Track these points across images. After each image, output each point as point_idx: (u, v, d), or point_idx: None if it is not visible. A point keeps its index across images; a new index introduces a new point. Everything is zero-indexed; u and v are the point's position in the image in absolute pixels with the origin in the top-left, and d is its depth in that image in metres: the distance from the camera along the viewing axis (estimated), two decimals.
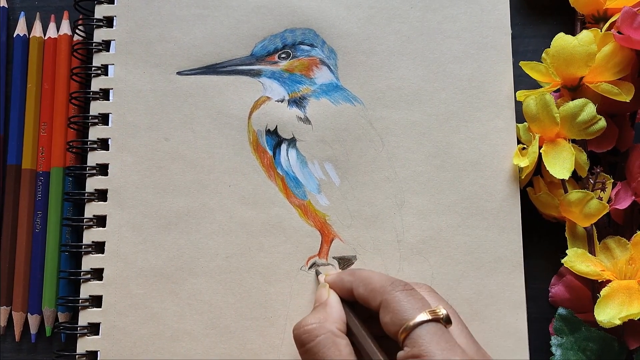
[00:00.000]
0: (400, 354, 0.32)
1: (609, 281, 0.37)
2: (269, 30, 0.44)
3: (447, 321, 0.32)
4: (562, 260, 0.39)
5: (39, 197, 0.44)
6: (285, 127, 0.42)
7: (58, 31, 0.46)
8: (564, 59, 0.39)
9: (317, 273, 0.40)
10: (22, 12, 0.47)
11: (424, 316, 0.32)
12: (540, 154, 0.39)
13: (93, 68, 0.44)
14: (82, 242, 0.42)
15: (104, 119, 0.44)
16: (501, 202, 0.41)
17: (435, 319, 0.32)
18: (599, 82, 0.39)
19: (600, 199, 0.39)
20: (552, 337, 0.39)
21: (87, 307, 0.41)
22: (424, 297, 0.34)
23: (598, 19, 0.42)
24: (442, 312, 0.32)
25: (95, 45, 0.44)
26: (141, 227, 0.42)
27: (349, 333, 0.35)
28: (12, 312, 0.43)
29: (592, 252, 0.39)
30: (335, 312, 0.35)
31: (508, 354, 0.39)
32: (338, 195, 0.42)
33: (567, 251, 0.39)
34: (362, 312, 0.36)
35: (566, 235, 0.40)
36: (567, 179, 0.38)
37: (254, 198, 0.42)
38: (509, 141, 0.42)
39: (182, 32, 0.44)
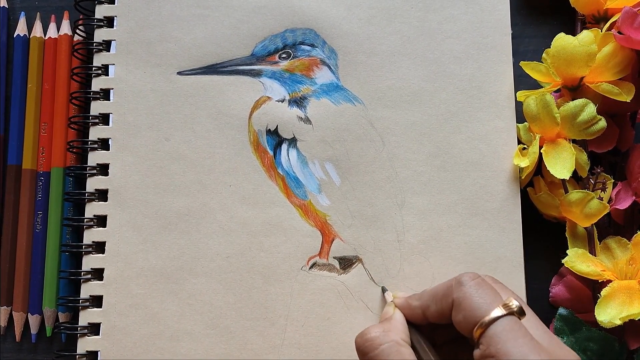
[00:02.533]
0: (476, 352, 0.31)
1: (609, 281, 0.37)
2: (269, 30, 0.44)
3: (520, 313, 0.32)
4: (563, 261, 0.39)
5: (40, 197, 0.44)
6: (285, 127, 0.42)
7: (58, 31, 0.46)
8: (564, 59, 0.39)
9: (384, 290, 0.40)
10: (22, 12, 0.47)
11: (498, 311, 0.31)
12: (540, 154, 0.39)
13: (93, 68, 0.44)
14: (82, 242, 0.42)
15: (104, 119, 0.44)
16: (502, 202, 0.41)
17: (510, 313, 0.31)
18: (599, 82, 0.39)
19: (601, 199, 0.39)
20: None
21: (87, 307, 0.41)
22: (493, 287, 0.33)
23: (598, 19, 0.42)
24: (515, 304, 0.32)
25: (95, 45, 0.44)
26: (141, 227, 0.42)
27: (413, 349, 0.34)
28: (13, 312, 0.43)
29: (592, 252, 0.39)
30: (400, 324, 0.35)
31: None
32: (339, 195, 0.42)
33: (567, 251, 0.39)
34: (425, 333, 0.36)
35: (567, 236, 0.40)
36: (568, 179, 0.38)
37: (255, 198, 0.42)
38: (509, 141, 0.42)
39: (183, 32, 0.44)
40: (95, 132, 0.43)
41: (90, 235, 0.42)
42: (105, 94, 0.44)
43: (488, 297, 0.32)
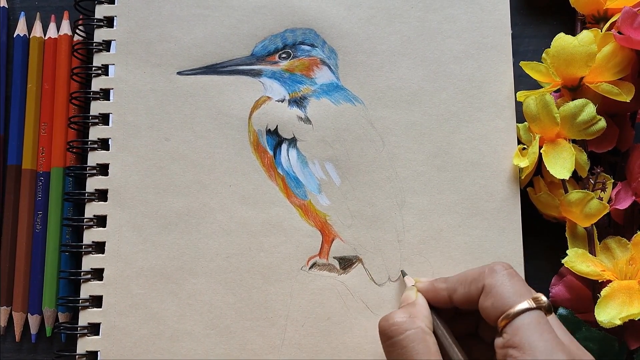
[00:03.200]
0: (499, 340, 0.31)
1: (609, 281, 0.37)
2: (269, 30, 0.44)
3: (548, 310, 0.32)
4: (563, 261, 0.39)
5: (39, 197, 0.44)
6: (285, 127, 0.42)
7: (58, 31, 0.46)
8: (564, 59, 0.39)
9: (404, 274, 0.40)
10: (22, 12, 0.47)
11: (527, 304, 0.31)
12: (540, 154, 0.39)
13: (93, 68, 0.44)
14: (82, 242, 0.42)
15: (104, 119, 0.44)
16: (501, 202, 0.41)
17: (539, 307, 0.31)
18: (599, 82, 0.39)
19: (601, 199, 0.39)
20: None
21: (87, 307, 0.41)
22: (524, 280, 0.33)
23: (598, 19, 0.42)
24: (545, 300, 0.32)
25: (95, 45, 0.44)
26: (141, 227, 0.42)
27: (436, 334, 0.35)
28: (13, 312, 0.43)
29: (592, 252, 0.39)
30: (424, 310, 0.35)
31: None
32: (338, 195, 0.42)
33: (567, 251, 0.39)
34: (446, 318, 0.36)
35: (566, 236, 0.40)
36: (568, 179, 0.38)
37: (255, 198, 0.42)
38: (509, 141, 0.42)
39: (183, 32, 0.44)
40: (95, 132, 0.43)
41: (90, 235, 0.42)
42: (105, 94, 0.44)
43: (519, 289, 0.32)
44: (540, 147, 0.40)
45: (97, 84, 0.44)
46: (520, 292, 0.32)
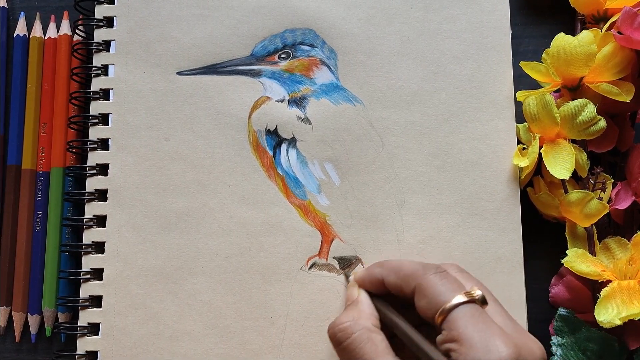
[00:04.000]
0: (439, 338, 0.32)
1: (609, 281, 0.37)
2: (269, 31, 0.44)
3: (483, 302, 0.32)
4: (563, 261, 0.39)
5: (39, 197, 0.44)
6: (285, 127, 0.42)
7: (58, 31, 0.46)
8: (564, 59, 0.39)
9: (348, 275, 0.40)
10: (22, 12, 0.47)
11: (460, 298, 0.32)
12: (540, 154, 0.39)
13: (93, 68, 0.44)
14: (82, 242, 0.42)
15: (104, 119, 0.44)
16: (501, 202, 0.41)
17: (471, 300, 0.32)
18: (599, 82, 0.39)
19: (601, 199, 0.39)
20: (553, 338, 0.39)
21: (87, 307, 0.41)
22: (457, 278, 0.34)
23: (598, 19, 0.42)
24: (478, 293, 0.32)
25: (95, 46, 0.44)
26: (141, 227, 0.42)
27: (384, 328, 0.35)
28: (12, 312, 0.43)
29: (592, 252, 0.39)
30: (367, 308, 0.36)
31: None
32: (338, 195, 0.42)
33: (567, 251, 0.39)
34: (395, 306, 0.36)
35: (566, 236, 0.40)
36: (568, 179, 0.38)
37: (254, 198, 0.42)
38: (509, 141, 0.42)
39: (182, 32, 0.44)
40: (95, 132, 0.43)
41: (90, 235, 0.42)
42: (104, 94, 0.44)
43: (451, 285, 0.33)
44: (540, 147, 0.40)
45: (96, 84, 0.44)
46: (452, 288, 0.32)
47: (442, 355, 0.31)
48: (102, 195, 0.42)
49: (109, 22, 0.45)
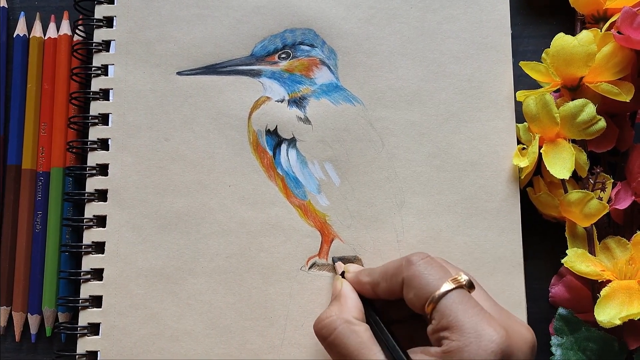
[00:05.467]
0: (429, 328, 0.32)
1: (609, 281, 0.37)
2: (269, 31, 0.44)
3: (470, 287, 0.32)
4: (562, 261, 0.39)
5: (39, 197, 0.44)
6: (285, 127, 0.42)
7: (58, 31, 0.46)
8: (563, 59, 0.39)
9: (334, 261, 0.40)
10: (22, 12, 0.47)
11: (447, 286, 0.32)
12: (540, 154, 0.39)
13: (93, 68, 0.44)
14: (82, 242, 0.42)
15: (104, 119, 0.44)
16: (501, 202, 0.41)
17: (459, 286, 0.32)
18: (598, 82, 0.39)
19: (600, 199, 0.39)
20: (552, 337, 0.39)
21: (87, 307, 0.41)
22: (441, 264, 0.34)
23: (598, 19, 0.42)
24: (464, 278, 0.32)
25: (95, 46, 0.44)
26: (141, 227, 0.42)
27: (370, 322, 0.35)
28: (12, 312, 0.43)
29: (592, 252, 0.39)
30: (350, 301, 0.36)
31: None
32: (338, 195, 0.42)
33: (567, 251, 0.39)
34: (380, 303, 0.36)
35: (566, 235, 0.40)
36: (567, 179, 0.38)
37: (254, 198, 0.42)
38: (508, 141, 0.42)
39: (182, 32, 0.44)
40: (95, 132, 0.43)
41: (90, 236, 0.42)
42: (104, 94, 0.44)
43: (437, 274, 0.33)
44: (540, 147, 0.40)
45: (96, 84, 0.44)
46: (439, 276, 0.32)
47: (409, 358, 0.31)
48: (102, 195, 0.42)
49: (108, 22, 0.45)
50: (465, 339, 0.30)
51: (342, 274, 0.38)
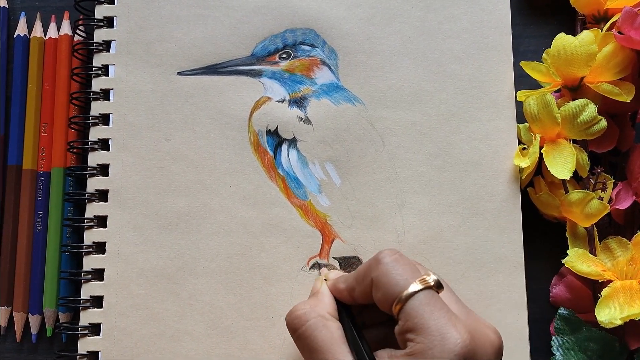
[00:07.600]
0: (396, 328, 0.31)
1: (609, 281, 0.37)
2: (269, 31, 0.44)
3: (438, 287, 0.32)
4: (563, 261, 0.39)
5: (40, 197, 0.44)
6: (286, 127, 0.42)
7: (58, 31, 0.46)
8: (564, 59, 0.39)
9: (320, 266, 0.40)
10: (23, 13, 0.47)
11: (415, 286, 0.31)
12: (541, 154, 0.39)
13: (93, 68, 0.44)
14: (82, 242, 0.42)
15: (104, 119, 0.44)
16: (502, 202, 0.41)
17: (427, 287, 0.31)
18: (599, 82, 0.39)
19: (601, 199, 0.39)
20: (553, 337, 0.39)
21: (88, 307, 0.41)
22: (411, 262, 0.34)
23: (599, 19, 0.42)
24: (432, 278, 0.32)
25: (95, 46, 0.44)
26: (142, 228, 0.42)
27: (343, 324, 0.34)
28: (13, 312, 0.43)
29: (592, 252, 0.39)
30: (326, 299, 0.35)
31: (509, 354, 0.39)
32: (339, 195, 0.42)
33: (567, 251, 0.39)
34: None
35: (567, 236, 0.40)
36: (568, 179, 0.38)
37: (255, 198, 0.42)
38: (509, 141, 0.42)
39: (183, 32, 0.44)
40: (96, 133, 0.43)
41: (91, 236, 0.42)
42: (105, 94, 0.44)
43: (405, 273, 0.32)
44: (540, 147, 0.40)
45: (97, 84, 0.44)
46: (407, 276, 0.32)
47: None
48: (102, 195, 0.42)
49: (109, 22, 0.45)
50: (430, 341, 0.29)
51: None
